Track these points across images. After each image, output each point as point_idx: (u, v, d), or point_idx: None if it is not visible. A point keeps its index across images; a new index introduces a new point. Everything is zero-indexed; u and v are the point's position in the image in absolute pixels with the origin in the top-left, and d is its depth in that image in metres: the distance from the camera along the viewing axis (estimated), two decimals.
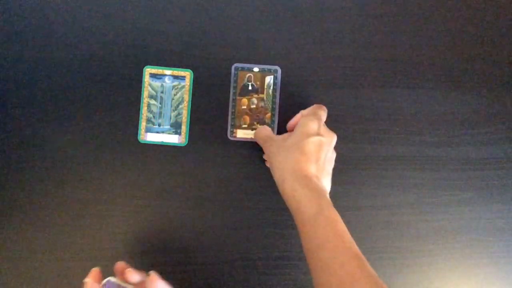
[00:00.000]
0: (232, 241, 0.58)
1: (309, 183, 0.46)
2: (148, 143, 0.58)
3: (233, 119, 0.59)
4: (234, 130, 0.59)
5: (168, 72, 0.59)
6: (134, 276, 0.45)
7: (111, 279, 0.45)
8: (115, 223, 0.58)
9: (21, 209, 0.57)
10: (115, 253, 0.57)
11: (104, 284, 0.45)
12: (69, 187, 0.58)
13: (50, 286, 0.57)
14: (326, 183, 0.51)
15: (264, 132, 0.54)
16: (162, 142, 0.58)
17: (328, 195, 0.48)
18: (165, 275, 0.47)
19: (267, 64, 0.59)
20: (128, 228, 0.57)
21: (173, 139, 0.59)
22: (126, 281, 0.46)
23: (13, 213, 0.57)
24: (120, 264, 0.47)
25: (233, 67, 0.59)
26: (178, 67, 0.59)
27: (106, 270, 0.51)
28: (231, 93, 0.59)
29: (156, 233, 0.58)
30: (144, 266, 0.56)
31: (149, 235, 0.57)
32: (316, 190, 0.46)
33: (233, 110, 0.59)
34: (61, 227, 0.57)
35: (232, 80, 0.59)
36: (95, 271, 0.45)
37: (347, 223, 0.59)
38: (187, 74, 0.59)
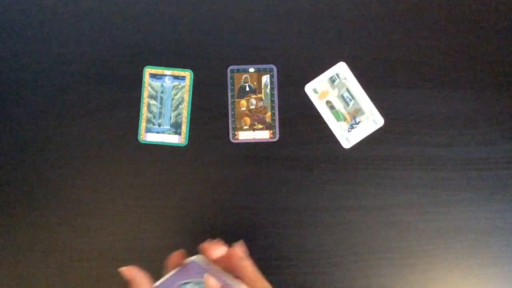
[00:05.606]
0: (232, 241, 0.58)
1: None
2: (148, 143, 0.58)
3: (233, 121, 0.59)
4: (236, 133, 0.59)
5: (168, 72, 0.59)
6: (217, 251, 0.42)
7: (196, 259, 0.41)
8: (115, 223, 0.58)
9: (21, 209, 0.57)
10: (115, 253, 0.57)
11: (189, 264, 0.40)
12: (69, 187, 0.58)
13: (50, 286, 0.57)
14: None
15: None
16: (162, 142, 0.58)
17: None
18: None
19: (263, 64, 0.59)
20: (128, 228, 0.57)
21: (173, 139, 0.58)
22: (211, 260, 0.41)
23: (13, 213, 0.57)
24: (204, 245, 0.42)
25: (228, 69, 0.59)
26: (178, 67, 0.59)
27: (106, 270, 0.51)
28: (229, 96, 0.59)
29: (156, 233, 0.58)
30: (143, 266, 0.56)
31: (149, 235, 0.58)
32: None
33: (233, 113, 0.59)
34: (61, 227, 0.57)
35: (228, 83, 0.59)
36: (180, 253, 0.41)
37: (348, 223, 0.59)
38: (187, 74, 0.59)
